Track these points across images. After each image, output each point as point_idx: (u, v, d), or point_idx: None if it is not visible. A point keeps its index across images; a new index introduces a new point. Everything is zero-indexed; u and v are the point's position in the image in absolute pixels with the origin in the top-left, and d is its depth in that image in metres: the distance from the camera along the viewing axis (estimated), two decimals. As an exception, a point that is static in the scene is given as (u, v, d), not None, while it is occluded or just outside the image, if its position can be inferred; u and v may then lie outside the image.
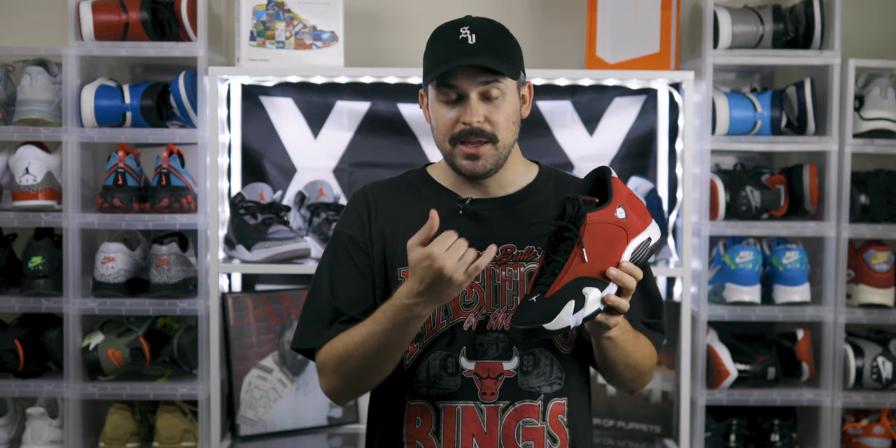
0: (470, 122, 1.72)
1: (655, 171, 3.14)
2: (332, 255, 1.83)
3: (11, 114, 2.90)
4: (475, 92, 1.73)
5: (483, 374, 1.76)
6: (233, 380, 2.97)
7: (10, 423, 2.95)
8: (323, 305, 1.79)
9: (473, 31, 1.74)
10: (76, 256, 2.86)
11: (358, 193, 1.88)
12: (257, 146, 3.12)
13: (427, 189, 1.85)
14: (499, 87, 1.73)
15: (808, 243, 3.01)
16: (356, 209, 1.85)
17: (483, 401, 1.76)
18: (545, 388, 1.78)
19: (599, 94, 3.12)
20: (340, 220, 1.86)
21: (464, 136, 1.74)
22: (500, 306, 1.77)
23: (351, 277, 1.80)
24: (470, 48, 1.72)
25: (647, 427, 3.03)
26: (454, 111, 1.75)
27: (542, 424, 1.78)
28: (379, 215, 1.83)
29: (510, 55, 1.76)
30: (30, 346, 2.92)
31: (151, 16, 2.89)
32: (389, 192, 1.87)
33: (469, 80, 1.72)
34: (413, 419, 1.78)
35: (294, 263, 2.85)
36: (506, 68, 1.73)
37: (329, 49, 2.89)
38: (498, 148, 1.75)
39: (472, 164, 1.75)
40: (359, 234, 1.82)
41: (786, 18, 2.96)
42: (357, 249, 1.81)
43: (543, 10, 3.14)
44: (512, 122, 1.76)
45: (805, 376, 3.00)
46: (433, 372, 1.77)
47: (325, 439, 3.01)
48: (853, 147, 2.93)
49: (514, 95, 1.77)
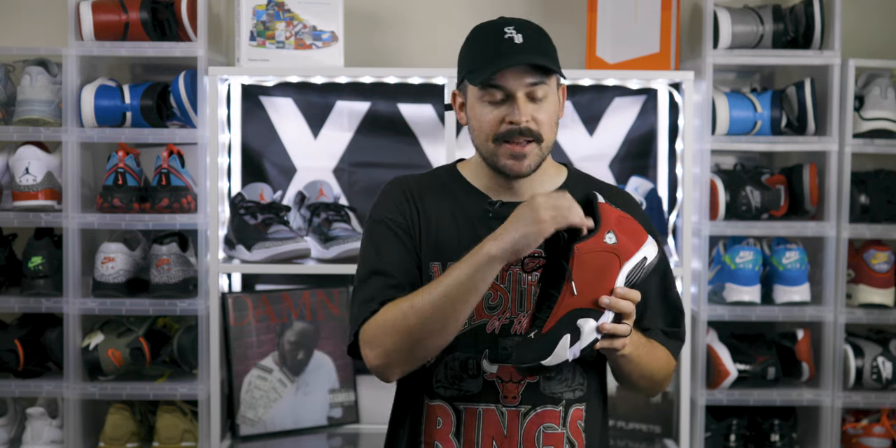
0: (518, 122, 1.71)
1: (655, 171, 3.14)
2: (373, 239, 1.78)
3: (11, 114, 2.90)
4: (522, 92, 1.72)
5: (506, 377, 1.75)
6: (233, 380, 2.97)
7: (10, 423, 2.95)
8: (373, 284, 1.73)
9: (519, 31, 1.74)
10: (76, 256, 2.86)
11: (391, 184, 1.85)
12: (257, 146, 3.12)
13: (458, 188, 1.83)
14: (544, 88, 1.72)
15: (808, 243, 3.01)
16: (393, 197, 1.81)
17: (505, 404, 1.75)
18: (567, 394, 1.77)
19: (599, 94, 3.12)
20: (375, 210, 1.82)
21: (510, 136, 1.73)
22: (525, 311, 1.75)
23: (400, 254, 1.76)
24: (519, 47, 1.71)
25: (647, 427, 3.03)
26: (499, 111, 1.73)
27: (562, 430, 1.77)
28: (416, 204, 1.80)
29: (551, 54, 1.76)
30: (30, 346, 2.92)
31: (151, 16, 2.89)
32: (421, 186, 1.84)
33: (517, 80, 1.71)
34: (433, 420, 1.77)
35: (294, 263, 2.85)
36: (554, 65, 1.72)
37: (329, 49, 2.89)
38: (542, 148, 1.74)
39: (517, 164, 1.74)
40: (400, 217, 1.79)
41: (786, 18, 2.96)
42: (401, 230, 1.78)
43: (543, 10, 3.14)
44: (554, 123, 1.76)
45: (805, 376, 3.00)
46: (453, 373, 1.76)
47: (325, 439, 3.01)
48: (853, 147, 2.93)
49: (555, 96, 1.76)
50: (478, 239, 1.67)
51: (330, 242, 2.85)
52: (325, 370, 3.06)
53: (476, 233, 1.74)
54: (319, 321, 3.07)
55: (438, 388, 1.77)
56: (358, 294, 1.75)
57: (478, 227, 1.76)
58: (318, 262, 2.88)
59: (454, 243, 1.76)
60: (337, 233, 2.86)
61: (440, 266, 1.77)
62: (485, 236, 1.65)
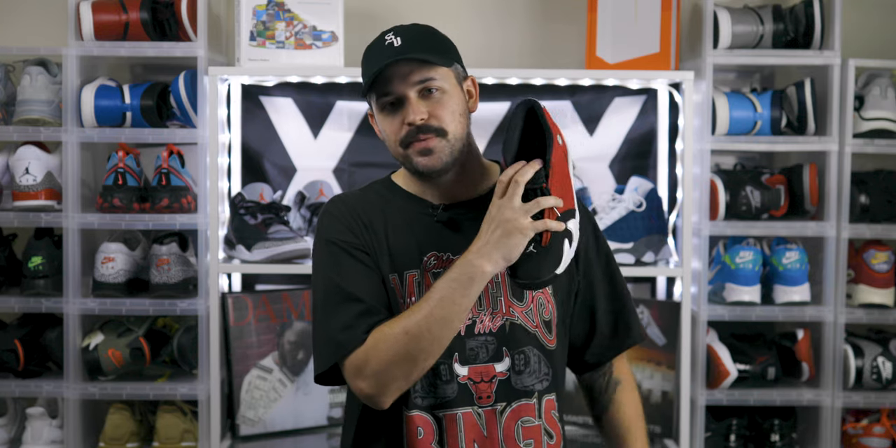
0: (413, 121, 1.71)
1: (655, 171, 3.14)
2: (330, 261, 1.76)
3: (11, 114, 2.90)
4: (412, 91, 1.71)
5: (476, 378, 1.75)
6: (233, 380, 2.97)
7: (10, 423, 2.95)
8: (348, 311, 1.71)
9: (398, 35, 1.74)
10: (76, 256, 2.86)
11: (332, 204, 1.82)
12: (257, 146, 3.12)
13: (398, 198, 1.82)
14: (435, 83, 1.72)
15: (808, 243, 3.01)
16: (339, 217, 1.79)
17: (480, 405, 1.75)
18: (537, 385, 1.78)
19: (599, 94, 3.12)
20: (324, 231, 1.79)
21: (412, 137, 1.72)
22: (485, 308, 1.76)
23: (366, 277, 1.75)
24: (396, 49, 1.72)
25: (647, 427, 3.02)
26: (398, 117, 1.73)
27: (539, 422, 1.78)
28: (362, 220, 1.79)
29: (439, 49, 1.75)
30: (30, 346, 2.92)
31: (151, 16, 2.89)
32: (362, 202, 1.82)
33: (403, 82, 1.71)
34: (414, 430, 1.75)
35: (294, 263, 2.85)
36: (435, 58, 1.71)
37: (329, 49, 2.89)
38: (449, 140, 1.72)
39: (427, 160, 1.73)
40: (352, 237, 1.77)
41: (786, 18, 2.96)
42: (357, 250, 1.76)
43: (543, 10, 3.14)
44: (458, 115, 1.74)
45: (805, 376, 3.00)
46: (428, 381, 1.75)
47: (325, 439, 3.01)
48: (853, 147, 2.93)
49: (455, 88, 1.75)
50: (432, 245, 1.73)
51: (330, 242, 2.85)
52: (325, 370, 3.06)
53: (428, 239, 1.75)
54: (319, 321, 3.07)
55: (416, 398, 1.75)
56: (330, 321, 1.71)
57: (427, 234, 1.76)
58: (318, 262, 2.88)
59: (409, 254, 1.76)
60: (337, 233, 2.85)
61: (398, 277, 1.76)
62: (438, 241, 1.69)
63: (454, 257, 1.74)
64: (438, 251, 1.76)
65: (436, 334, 1.64)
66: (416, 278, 1.76)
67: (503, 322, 1.76)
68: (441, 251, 1.76)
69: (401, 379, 1.68)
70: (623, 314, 1.91)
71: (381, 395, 1.69)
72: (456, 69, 1.77)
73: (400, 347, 1.65)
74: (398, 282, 1.76)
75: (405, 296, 1.75)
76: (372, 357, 1.67)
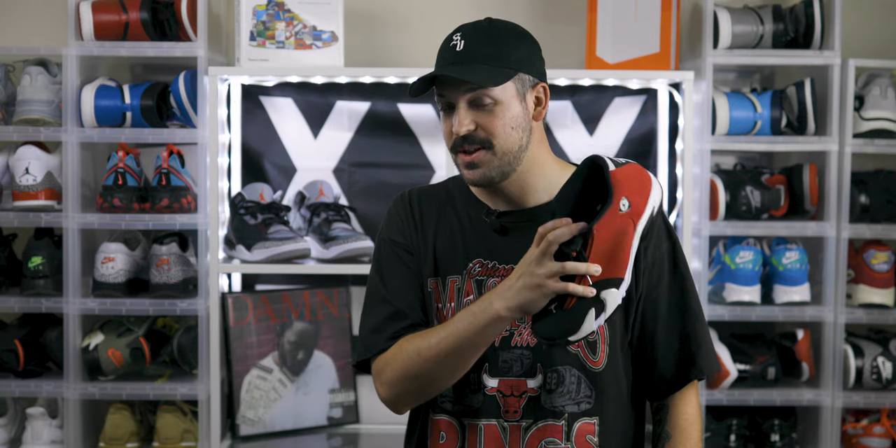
0: (458, 132, 1.66)
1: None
2: (379, 262, 1.78)
3: (11, 114, 2.90)
4: (463, 101, 1.65)
5: (507, 391, 1.71)
6: (233, 380, 2.97)
7: (10, 423, 2.95)
8: (380, 313, 1.73)
9: (464, 37, 1.67)
10: (76, 256, 2.86)
11: (398, 199, 1.83)
12: (257, 146, 3.12)
13: (461, 199, 1.79)
14: (488, 94, 1.65)
15: (808, 243, 3.01)
16: (396, 214, 1.80)
17: (506, 419, 1.71)
18: (570, 407, 1.71)
19: (599, 94, 3.12)
20: (382, 227, 1.81)
21: (458, 146, 1.68)
22: (526, 322, 1.69)
23: (403, 279, 1.75)
24: (455, 56, 1.66)
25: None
26: (451, 121, 1.69)
27: (567, 444, 1.71)
28: (416, 221, 1.78)
29: (500, 58, 1.66)
30: (30, 346, 2.92)
31: (151, 16, 2.89)
32: (426, 199, 1.81)
33: (454, 89, 1.66)
34: (437, 434, 1.75)
35: (294, 263, 2.85)
36: (486, 76, 1.63)
37: (329, 49, 2.89)
38: (496, 154, 1.66)
39: (471, 173, 1.69)
40: (400, 237, 1.77)
41: (786, 18, 2.96)
42: (403, 251, 1.76)
43: (543, 10, 3.14)
44: (511, 127, 1.66)
45: (805, 376, 3.00)
46: (457, 388, 1.72)
47: (325, 439, 3.01)
48: (853, 147, 2.93)
49: (513, 99, 1.66)
50: (479, 252, 1.69)
51: (330, 242, 2.85)
52: (324, 370, 3.06)
53: (477, 245, 1.73)
54: (319, 321, 3.07)
55: (443, 403, 1.74)
56: (366, 318, 1.76)
57: (478, 240, 1.73)
58: (318, 262, 2.88)
59: (454, 258, 1.74)
60: (337, 233, 2.86)
61: (439, 282, 1.75)
62: (487, 248, 1.65)
63: (500, 265, 1.71)
64: (485, 258, 1.73)
65: (447, 363, 1.63)
66: (457, 284, 1.74)
67: None
68: (487, 258, 1.73)
69: (411, 395, 1.70)
70: (687, 344, 1.73)
71: (394, 402, 1.72)
72: (519, 79, 1.67)
73: (412, 367, 1.65)
74: (438, 286, 1.75)
75: (444, 301, 1.74)
76: (389, 367, 1.69)
